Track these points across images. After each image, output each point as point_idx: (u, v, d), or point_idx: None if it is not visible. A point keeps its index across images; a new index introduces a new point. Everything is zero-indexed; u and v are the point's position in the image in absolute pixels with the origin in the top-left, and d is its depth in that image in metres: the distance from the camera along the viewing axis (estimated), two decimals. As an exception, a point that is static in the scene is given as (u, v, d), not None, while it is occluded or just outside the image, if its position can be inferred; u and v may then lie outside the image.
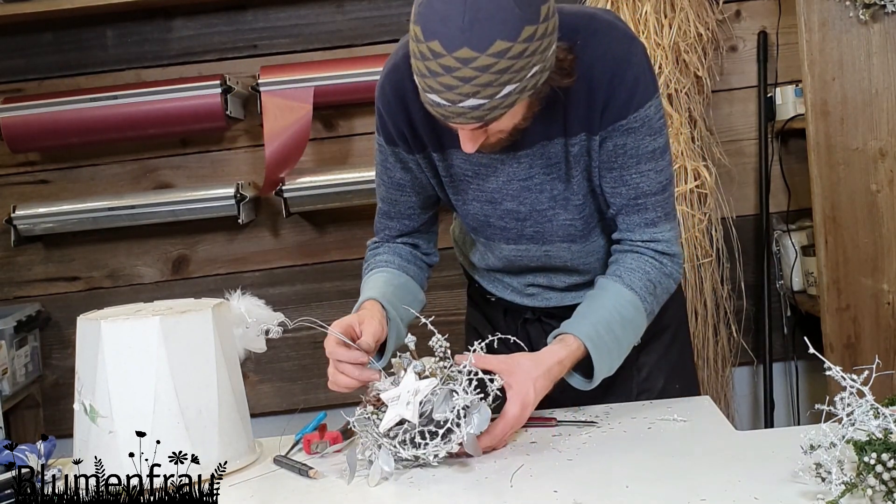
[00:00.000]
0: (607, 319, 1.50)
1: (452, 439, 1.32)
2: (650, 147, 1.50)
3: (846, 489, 1.08)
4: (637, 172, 1.51)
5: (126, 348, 1.36)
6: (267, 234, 3.10)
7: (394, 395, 1.36)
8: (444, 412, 1.33)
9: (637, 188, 1.52)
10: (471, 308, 1.87)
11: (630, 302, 1.52)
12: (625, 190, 1.53)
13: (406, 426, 1.34)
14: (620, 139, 1.48)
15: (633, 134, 1.48)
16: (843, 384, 1.13)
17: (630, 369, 1.67)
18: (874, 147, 2.48)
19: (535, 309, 1.73)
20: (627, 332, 1.53)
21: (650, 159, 1.51)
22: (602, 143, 1.50)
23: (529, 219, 1.57)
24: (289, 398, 3.10)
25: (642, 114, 1.48)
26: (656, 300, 1.56)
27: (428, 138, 1.56)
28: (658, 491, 1.18)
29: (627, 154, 1.50)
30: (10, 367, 2.79)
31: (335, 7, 3.02)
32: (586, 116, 1.48)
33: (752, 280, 3.08)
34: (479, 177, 1.56)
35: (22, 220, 2.93)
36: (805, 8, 2.47)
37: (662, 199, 1.55)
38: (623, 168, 1.51)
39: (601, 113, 1.47)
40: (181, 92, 2.88)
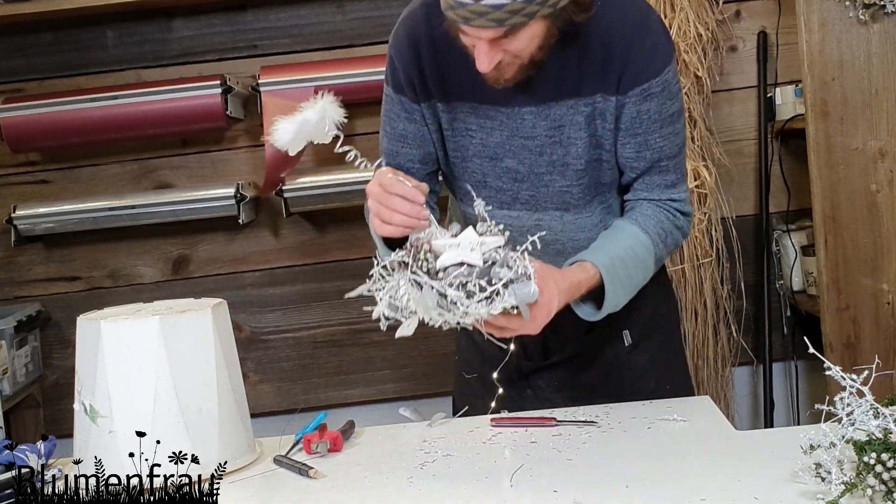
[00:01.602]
0: (621, 255, 1.52)
1: (496, 302, 1.29)
2: (670, 111, 1.55)
3: (846, 489, 1.08)
4: (660, 136, 1.55)
5: (126, 348, 1.36)
6: (267, 234, 3.10)
7: (451, 242, 1.33)
8: (504, 271, 1.30)
9: (661, 151, 1.56)
10: None
11: (643, 244, 1.55)
12: (649, 154, 1.56)
13: (462, 271, 1.30)
14: (644, 105, 1.52)
15: (655, 98, 1.52)
16: (843, 384, 1.13)
17: (621, 369, 1.68)
18: (874, 147, 2.48)
19: None
20: (638, 271, 1.55)
21: (671, 122, 1.55)
22: (622, 108, 1.52)
23: (526, 181, 1.57)
24: (289, 398, 3.10)
25: (662, 78, 1.52)
26: (666, 249, 1.60)
27: (436, 88, 1.57)
28: (658, 491, 1.18)
29: (651, 119, 1.53)
30: (10, 366, 2.80)
31: (335, 7, 3.02)
32: (602, 78, 1.50)
33: (752, 280, 3.08)
34: (484, 130, 1.57)
35: (22, 220, 2.93)
36: (805, 8, 2.47)
37: (680, 160, 1.60)
38: (647, 133, 1.54)
39: (619, 76, 1.50)
40: (181, 92, 2.88)
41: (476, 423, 1.54)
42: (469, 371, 1.80)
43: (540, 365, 1.71)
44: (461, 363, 1.85)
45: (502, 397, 1.65)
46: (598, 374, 1.69)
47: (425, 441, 1.47)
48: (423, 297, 1.28)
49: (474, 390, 1.76)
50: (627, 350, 1.69)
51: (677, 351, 1.81)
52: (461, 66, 1.52)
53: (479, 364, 1.76)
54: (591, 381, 1.69)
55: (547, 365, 1.70)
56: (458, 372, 1.85)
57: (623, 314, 1.67)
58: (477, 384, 1.77)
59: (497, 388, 1.68)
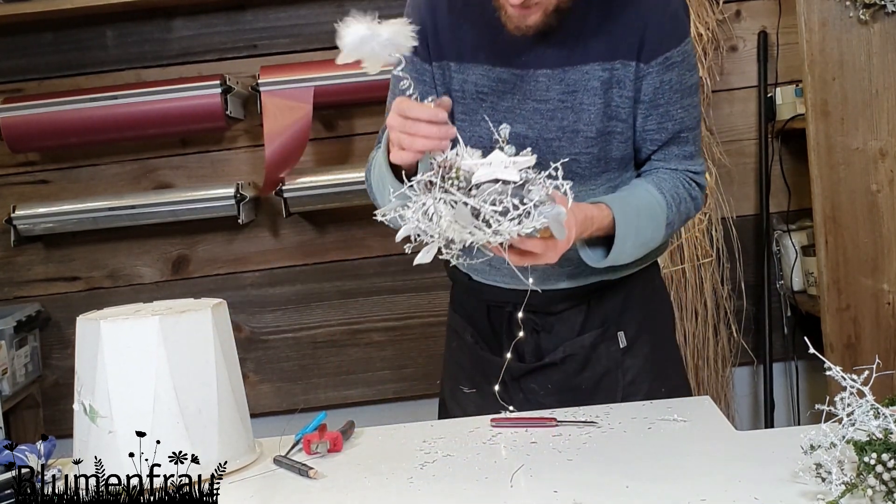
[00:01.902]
0: (635, 204, 1.52)
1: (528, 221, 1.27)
2: (690, 82, 1.57)
3: (846, 489, 1.07)
4: (681, 107, 1.56)
5: (125, 348, 1.36)
6: (267, 234, 3.10)
7: (482, 161, 1.30)
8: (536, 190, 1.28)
9: (681, 122, 1.57)
10: (452, 313, 1.83)
11: (658, 201, 1.55)
12: (670, 125, 1.57)
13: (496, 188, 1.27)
14: (666, 75, 1.53)
15: (677, 68, 1.53)
16: (844, 384, 1.13)
17: (615, 372, 1.66)
18: (874, 147, 2.48)
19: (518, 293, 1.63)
20: (649, 226, 1.54)
21: (690, 94, 1.57)
22: (643, 79, 1.53)
23: (535, 147, 1.52)
24: (289, 398, 3.10)
25: (682, 49, 1.54)
26: (678, 216, 1.59)
27: (450, 48, 1.57)
28: (658, 491, 1.18)
29: (673, 89, 1.54)
30: (9, 367, 2.79)
31: (335, 7, 3.02)
32: (622, 44, 1.51)
33: (752, 280, 3.08)
34: (495, 94, 1.56)
35: (22, 220, 2.93)
36: (805, 8, 2.47)
37: (698, 133, 1.62)
38: (669, 104, 1.55)
39: (640, 44, 1.51)
40: (181, 92, 2.88)
41: (476, 423, 1.53)
42: (461, 381, 1.77)
43: (532, 367, 1.68)
44: (450, 376, 1.82)
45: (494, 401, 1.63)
46: (592, 376, 1.67)
47: (425, 441, 1.47)
48: (456, 213, 1.26)
49: (468, 397, 1.74)
50: (622, 352, 1.67)
51: (672, 354, 1.79)
52: (478, 27, 1.53)
53: (470, 369, 1.74)
54: (585, 383, 1.67)
55: (540, 366, 1.67)
56: (449, 386, 1.81)
57: (617, 315, 1.67)
58: (470, 391, 1.74)
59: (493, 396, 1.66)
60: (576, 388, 1.66)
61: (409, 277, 3.10)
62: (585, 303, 1.66)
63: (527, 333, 1.67)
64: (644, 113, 1.56)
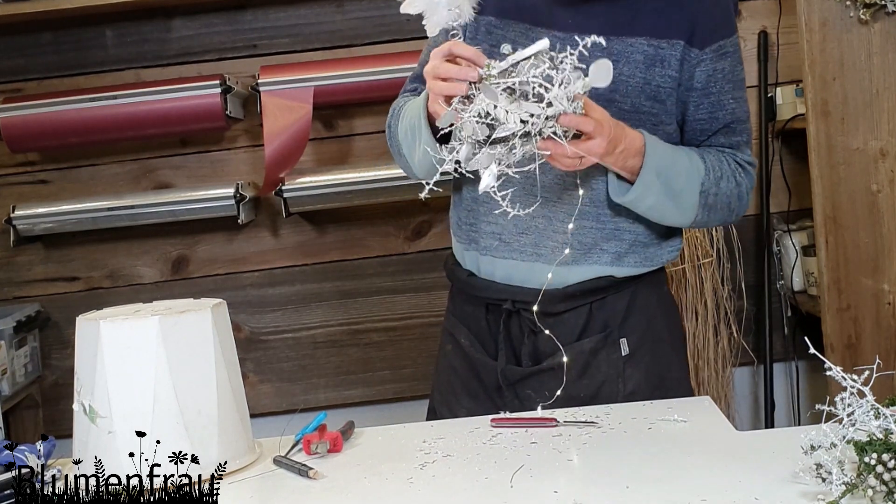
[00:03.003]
0: (671, 153, 1.53)
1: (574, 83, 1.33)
2: (740, 75, 1.59)
3: (847, 489, 1.07)
4: (732, 98, 1.58)
5: (125, 348, 1.36)
6: (267, 234, 3.10)
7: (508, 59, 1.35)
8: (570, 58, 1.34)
9: (733, 113, 1.59)
10: (449, 316, 1.80)
11: (696, 164, 1.56)
12: (721, 115, 1.58)
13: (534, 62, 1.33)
14: (719, 63, 1.55)
15: (729, 58, 1.56)
16: (844, 384, 1.13)
17: (615, 381, 1.63)
18: (875, 147, 2.48)
19: (516, 290, 1.64)
20: (680, 179, 1.54)
21: (740, 87, 1.59)
22: (698, 65, 1.54)
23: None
24: (289, 398, 3.10)
25: (734, 39, 1.57)
26: (717, 189, 1.58)
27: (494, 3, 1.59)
28: (658, 491, 1.18)
29: (725, 79, 1.56)
30: (9, 367, 2.79)
31: (335, 7, 3.02)
32: (675, 24, 1.53)
33: (752, 280, 3.08)
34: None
35: (21, 220, 2.93)
36: (805, 8, 2.47)
37: (748, 126, 1.63)
38: (721, 93, 1.57)
39: (694, 29, 1.53)
40: (181, 92, 2.88)
41: (476, 424, 1.53)
42: (454, 386, 1.74)
43: (529, 371, 1.64)
44: (442, 382, 1.79)
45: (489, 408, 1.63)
46: (591, 384, 1.63)
47: (425, 441, 1.46)
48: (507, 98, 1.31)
49: (461, 405, 1.71)
50: (624, 360, 1.63)
51: (677, 369, 1.71)
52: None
53: (464, 374, 1.72)
54: (584, 392, 1.62)
55: (536, 371, 1.63)
56: (441, 392, 1.79)
57: (620, 320, 1.63)
58: (464, 396, 1.72)
59: (488, 402, 1.66)
60: (574, 397, 1.61)
61: (409, 277, 3.10)
62: (587, 305, 1.63)
63: (524, 335, 1.65)
64: (696, 101, 1.57)
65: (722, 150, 1.61)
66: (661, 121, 1.56)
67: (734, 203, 1.62)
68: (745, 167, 1.62)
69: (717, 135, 1.60)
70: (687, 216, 1.59)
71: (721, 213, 1.62)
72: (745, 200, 1.64)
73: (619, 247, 1.61)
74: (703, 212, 1.59)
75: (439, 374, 1.82)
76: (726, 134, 1.60)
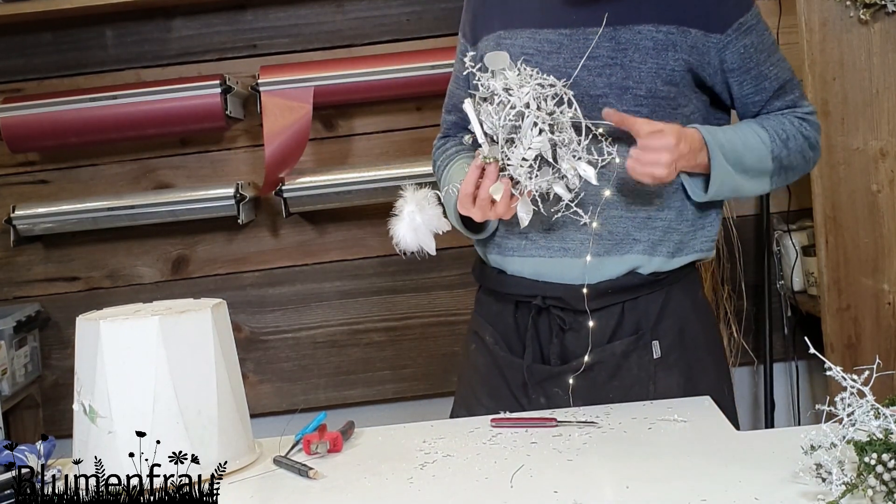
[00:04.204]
0: (730, 135, 1.56)
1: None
2: (770, 40, 1.62)
3: (847, 489, 1.07)
4: (772, 64, 1.61)
5: (125, 348, 1.36)
6: (267, 234, 3.10)
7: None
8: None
9: (777, 78, 1.62)
10: (475, 315, 1.78)
11: (761, 139, 1.58)
12: (768, 83, 1.61)
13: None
14: (746, 39, 1.57)
15: (754, 31, 1.58)
16: (844, 384, 1.13)
17: (646, 384, 1.60)
18: (875, 147, 2.48)
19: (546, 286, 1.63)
20: (750, 154, 1.57)
21: (774, 51, 1.62)
22: (726, 48, 1.56)
23: (581, 105, 1.51)
24: (289, 398, 3.10)
25: (754, 11, 1.59)
26: (787, 150, 1.61)
27: (500, 19, 1.62)
28: (658, 491, 1.18)
29: (758, 50, 1.59)
30: (9, 367, 2.79)
31: (335, 7, 3.02)
32: (684, 10, 1.54)
33: (752, 280, 3.08)
34: (541, 54, 1.58)
35: (21, 220, 2.93)
36: (805, 8, 2.47)
37: (796, 81, 1.67)
38: (760, 64, 1.60)
39: (709, 14, 1.55)
40: (181, 92, 2.88)
41: (476, 424, 1.53)
42: (475, 386, 1.73)
43: (557, 370, 1.62)
44: (465, 382, 1.77)
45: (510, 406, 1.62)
46: (621, 386, 1.60)
47: (425, 441, 1.47)
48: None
49: (482, 406, 1.68)
50: (655, 363, 1.61)
51: (712, 372, 1.67)
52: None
53: (486, 372, 1.70)
54: (613, 394, 1.60)
55: (564, 371, 1.61)
56: (463, 393, 1.77)
57: (653, 322, 1.61)
58: (484, 396, 1.70)
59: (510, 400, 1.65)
60: (603, 398, 1.59)
61: (409, 277, 3.10)
62: (619, 305, 1.61)
63: (552, 333, 1.63)
64: (738, 80, 1.60)
65: (781, 112, 1.64)
66: (678, 104, 1.57)
67: (808, 154, 1.65)
68: (808, 119, 1.65)
69: (772, 101, 1.63)
70: (766, 184, 1.63)
71: (798, 168, 1.65)
72: (817, 149, 1.66)
73: (651, 235, 1.61)
74: (780, 174, 1.63)
75: (462, 377, 1.80)
76: (780, 97, 1.63)
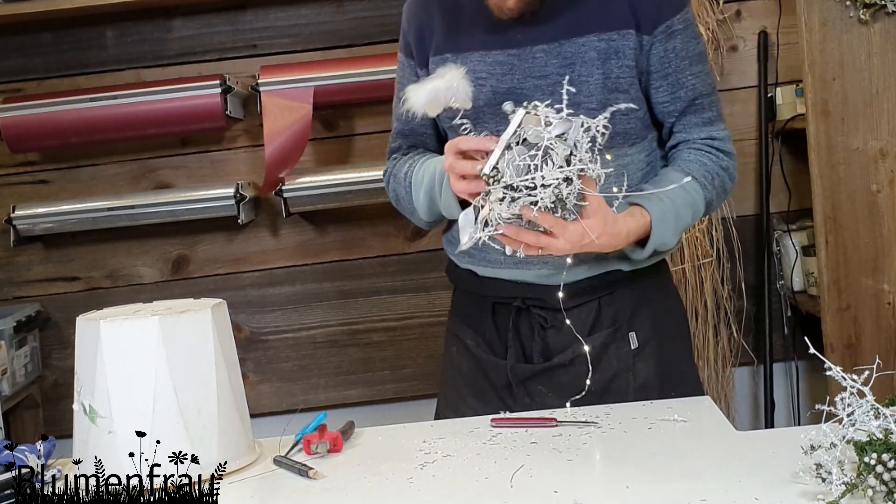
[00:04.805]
0: (672, 199, 1.55)
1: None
2: (696, 49, 1.59)
3: (847, 489, 1.07)
4: (692, 74, 1.59)
5: (125, 348, 1.36)
6: (267, 234, 3.10)
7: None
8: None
9: (695, 89, 1.60)
10: (453, 317, 1.81)
11: (693, 187, 1.58)
12: (683, 93, 1.59)
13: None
14: (670, 43, 1.56)
15: (681, 35, 1.56)
16: (844, 384, 1.13)
17: (626, 375, 1.64)
18: (875, 147, 2.48)
19: (526, 287, 1.66)
20: (687, 214, 1.58)
21: (699, 61, 1.60)
22: (649, 50, 1.55)
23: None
24: (289, 398, 3.10)
25: (683, 16, 1.57)
26: (715, 191, 1.61)
27: (447, 42, 1.61)
28: (658, 491, 1.18)
29: (679, 57, 1.57)
30: (9, 367, 2.79)
31: (335, 7, 3.02)
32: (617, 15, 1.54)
33: (752, 280, 3.08)
34: (494, 77, 1.58)
35: (22, 220, 2.93)
36: (805, 8, 2.46)
37: (715, 99, 1.63)
38: (678, 71, 1.58)
39: (640, 14, 1.53)
40: (181, 92, 2.88)
41: (476, 424, 1.53)
42: (460, 388, 1.75)
43: (541, 368, 1.65)
44: (448, 384, 1.79)
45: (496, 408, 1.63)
46: (601, 378, 1.64)
47: (425, 441, 1.47)
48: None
49: (468, 407, 1.71)
50: (633, 353, 1.65)
51: (684, 360, 1.75)
52: (472, 18, 1.58)
53: (471, 375, 1.72)
54: (595, 386, 1.62)
55: (548, 367, 1.65)
56: (447, 395, 1.80)
57: (629, 315, 1.65)
58: (470, 398, 1.72)
59: (496, 402, 1.66)
60: (586, 390, 1.62)
61: (409, 277, 3.10)
62: (596, 300, 1.64)
63: (534, 331, 1.65)
64: (655, 84, 1.58)
65: (700, 144, 1.62)
66: (630, 109, 1.56)
67: (728, 185, 1.66)
68: (723, 149, 1.64)
69: (687, 115, 1.61)
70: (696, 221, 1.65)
71: (720, 201, 1.66)
72: (734, 175, 1.67)
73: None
74: (707, 213, 1.65)
75: (444, 379, 1.82)
76: (695, 112, 1.61)
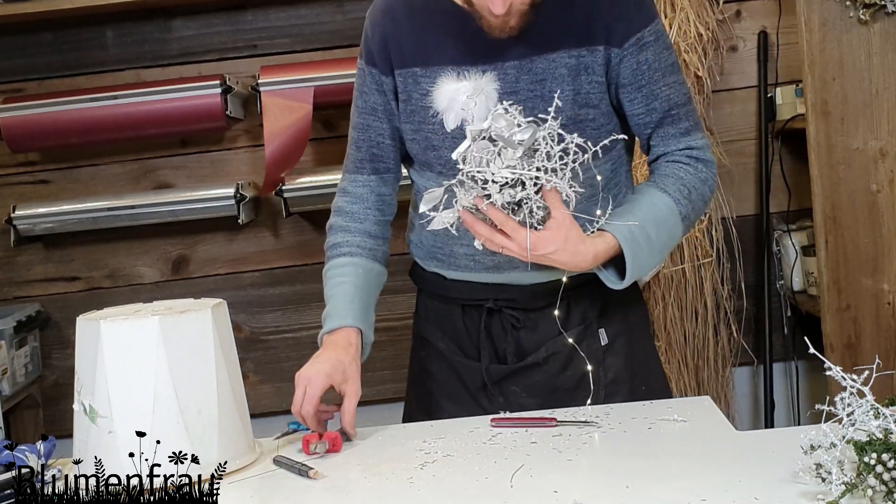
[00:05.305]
0: (641, 219, 1.52)
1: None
2: (668, 60, 1.57)
3: (846, 489, 1.07)
4: (665, 85, 1.57)
5: (125, 348, 1.36)
6: (267, 234, 3.10)
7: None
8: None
9: (669, 100, 1.58)
10: (419, 320, 1.81)
11: (664, 204, 1.55)
12: (658, 104, 1.57)
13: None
14: (642, 55, 1.54)
15: (652, 47, 1.54)
16: (844, 384, 1.13)
17: (597, 371, 1.65)
18: (874, 147, 2.48)
19: (497, 288, 1.66)
20: (661, 233, 1.54)
21: (672, 72, 1.58)
22: (621, 63, 1.53)
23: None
24: (289, 398, 3.05)
25: (654, 28, 1.55)
26: (691, 205, 1.58)
27: (414, 55, 1.58)
28: (658, 491, 1.18)
29: (652, 69, 1.55)
30: (9, 367, 2.79)
31: (335, 7, 3.02)
32: (588, 31, 1.52)
33: (752, 280, 3.08)
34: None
35: (22, 220, 2.93)
36: (805, 8, 2.46)
37: (691, 109, 1.62)
38: (652, 83, 1.56)
39: (611, 29, 1.52)
40: (181, 92, 2.88)
41: (476, 424, 1.54)
42: (433, 392, 1.75)
43: (514, 368, 1.65)
44: (419, 389, 1.80)
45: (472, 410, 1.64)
46: (573, 375, 1.65)
47: (425, 441, 1.47)
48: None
49: (440, 404, 1.71)
50: (603, 349, 1.66)
51: (651, 356, 1.77)
52: (441, 30, 1.55)
53: (444, 379, 1.73)
54: (567, 383, 1.65)
55: (521, 367, 1.65)
56: (418, 399, 1.80)
57: (598, 312, 1.66)
58: (444, 400, 1.72)
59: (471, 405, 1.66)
60: (559, 388, 1.64)
61: (409, 277, 3.09)
62: (565, 299, 1.63)
63: (506, 332, 1.66)
64: (629, 97, 1.57)
65: (678, 156, 1.60)
66: (600, 124, 1.57)
67: (707, 195, 1.63)
68: (702, 157, 1.61)
69: (663, 126, 1.59)
70: (679, 238, 1.62)
71: (699, 212, 1.64)
72: (713, 185, 1.64)
73: None
74: (687, 228, 1.61)
75: (413, 383, 1.83)
76: (671, 123, 1.59)
